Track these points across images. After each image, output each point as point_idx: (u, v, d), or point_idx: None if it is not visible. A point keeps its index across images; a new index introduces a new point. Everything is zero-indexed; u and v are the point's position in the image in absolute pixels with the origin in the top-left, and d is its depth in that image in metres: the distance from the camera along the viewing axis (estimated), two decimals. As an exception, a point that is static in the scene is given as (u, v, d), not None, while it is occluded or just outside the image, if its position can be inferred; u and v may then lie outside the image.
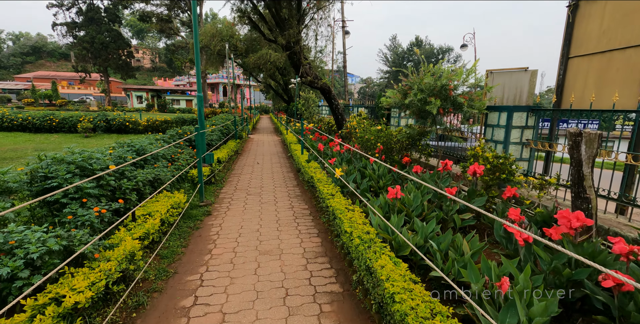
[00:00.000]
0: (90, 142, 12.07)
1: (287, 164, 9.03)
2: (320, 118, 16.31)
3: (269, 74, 21.09)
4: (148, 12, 43.79)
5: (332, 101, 9.88)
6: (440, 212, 3.53)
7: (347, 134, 8.78)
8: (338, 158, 6.39)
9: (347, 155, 6.71)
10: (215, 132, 8.93)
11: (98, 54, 44.42)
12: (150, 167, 4.55)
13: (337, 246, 3.62)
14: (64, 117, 13.92)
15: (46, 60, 78.63)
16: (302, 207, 5.08)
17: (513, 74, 5.49)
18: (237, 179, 7.06)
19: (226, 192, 5.91)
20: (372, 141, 6.47)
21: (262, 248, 3.60)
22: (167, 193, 4.19)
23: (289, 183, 6.73)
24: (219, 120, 11.53)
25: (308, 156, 6.93)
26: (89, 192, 3.00)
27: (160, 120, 14.97)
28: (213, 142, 8.24)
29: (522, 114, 4.75)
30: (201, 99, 6.01)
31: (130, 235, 2.88)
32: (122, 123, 14.25)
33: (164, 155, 5.39)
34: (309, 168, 6.03)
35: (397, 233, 2.71)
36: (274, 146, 13.23)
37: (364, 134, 6.58)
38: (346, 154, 6.76)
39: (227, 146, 9.27)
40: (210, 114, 15.01)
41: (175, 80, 69.47)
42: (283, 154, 10.80)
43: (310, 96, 15.48)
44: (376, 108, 10.46)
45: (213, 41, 18.34)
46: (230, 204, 5.17)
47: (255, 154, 10.64)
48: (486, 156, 4.12)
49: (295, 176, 7.40)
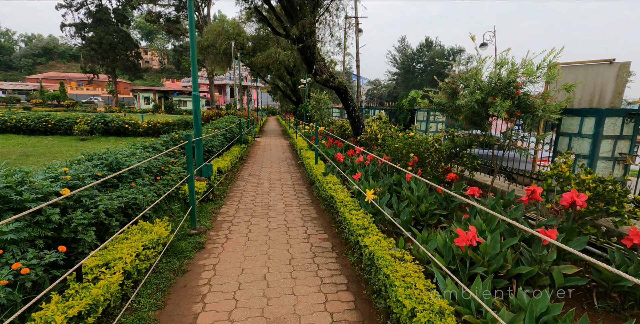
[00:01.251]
0: (85, 146, 11.18)
1: (297, 173, 7.94)
2: (331, 121, 15.22)
3: (277, 75, 20.12)
4: (156, 12, 43.49)
5: (348, 102, 8.78)
6: (535, 267, 2.39)
7: (366, 141, 7.67)
8: (363, 172, 5.26)
9: (373, 167, 5.59)
10: (217, 137, 7.90)
11: (106, 54, 44.22)
12: (127, 186, 3.49)
13: (378, 311, 2.50)
14: (60, 118, 13.10)
15: (57, 61, 79.38)
16: (321, 238, 3.97)
17: (590, 68, 4.31)
18: (241, 193, 5.99)
19: (226, 213, 4.84)
20: (402, 150, 5.34)
21: (271, 313, 2.50)
22: (143, 224, 3.12)
23: (301, 200, 5.63)
24: (222, 123, 10.52)
25: (325, 167, 5.82)
26: (6, 238, 1.95)
27: (161, 122, 14.05)
28: (214, 149, 7.21)
29: (617, 119, 3.57)
30: (197, 99, 4.97)
31: (63, 312, 1.81)
32: (121, 125, 13.37)
33: (150, 168, 4.35)
34: (327, 184, 4.93)
35: (493, 314, 1.59)
36: (282, 151, 12.18)
37: (393, 142, 5.45)
38: (371, 166, 5.64)
39: (231, 153, 8.24)
40: (215, 116, 14.04)
41: (183, 81, 69.36)
42: (293, 161, 9.72)
43: (321, 96, 14.41)
44: (397, 110, 9.33)
45: (219, 40, 17.45)
46: (229, 232, 4.09)
47: (262, 161, 9.58)
48: (582, 179, 2.96)
49: (309, 190, 6.31)
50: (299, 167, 8.79)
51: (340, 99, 8.95)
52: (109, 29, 44.08)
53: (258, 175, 7.64)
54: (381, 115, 9.05)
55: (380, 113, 9.05)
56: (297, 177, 7.47)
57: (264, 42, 19.44)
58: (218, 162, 6.72)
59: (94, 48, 43.57)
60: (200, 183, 4.92)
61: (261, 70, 20.10)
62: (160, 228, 3.12)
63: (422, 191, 4.07)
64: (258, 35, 19.51)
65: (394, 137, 5.87)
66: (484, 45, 21.27)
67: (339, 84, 8.40)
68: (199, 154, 5.17)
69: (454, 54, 63.99)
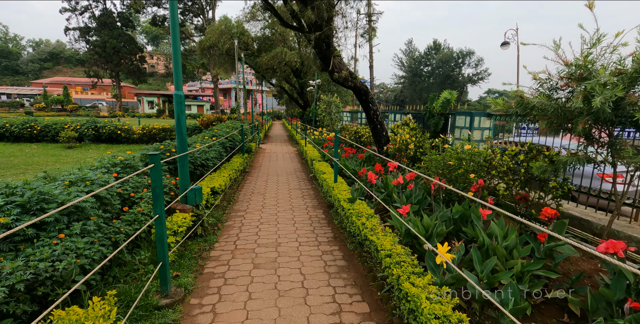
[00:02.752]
0: (70, 155, 9.97)
1: (310, 190, 6.58)
2: (343, 126, 13.85)
3: (283, 76, 18.89)
4: (160, 16, 42.99)
5: (369, 105, 7.43)
6: None
7: (394, 152, 6.29)
8: (411, 205, 3.86)
9: (417, 192, 4.17)
10: (214, 147, 6.59)
11: (110, 58, 43.67)
12: (52, 240, 2.16)
13: None
14: (47, 124, 11.95)
15: (63, 66, 79.68)
16: (360, 311, 2.59)
17: None
18: (241, 222, 4.63)
19: (218, 258, 3.48)
20: (457, 168, 3.95)
21: None
22: (62, 315, 1.77)
23: (319, 233, 4.25)
24: (223, 129, 9.24)
25: (352, 191, 4.42)
26: None
27: (157, 128, 12.83)
28: (210, 163, 5.89)
29: None
30: (181, 100, 3.66)
31: None
32: (113, 131, 12.17)
33: (108, 198, 3.01)
34: (358, 217, 3.55)
35: None
36: (290, 160, 10.84)
37: (447, 158, 4.06)
38: (415, 191, 4.23)
39: (231, 165, 6.92)
40: (215, 121, 12.79)
41: (188, 85, 68.99)
42: (303, 174, 8.37)
43: (333, 99, 13.10)
44: (425, 115, 7.94)
45: (222, 39, 16.30)
46: (219, 300, 2.72)
47: (268, 174, 8.24)
48: None
49: (327, 217, 4.93)
50: (311, 182, 7.43)
51: (359, 102, 7.60)
52: (113, 32, 43.60)
53: (263, 193, 6.29)
54: (407, 120, 7.67)
55: (406, 118, 7.69)
56: (311, 197, 6.11)
57: (270, 42, 18.28)
58: (214, 179, 5.39)
59: (98, 52, 43.07)
60: (184, 216, 3.58)
61: (266, 72, 18.91)
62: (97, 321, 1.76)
63: (512, 239, 2.67)
64: (263, 35, 18.36)
65: (439, 150, 4.49)
66: (506, 44, 19.87)
67: (359, 83, 7.06)
68: (184, 174, 3.84)
69: (463, 57, 62.48)
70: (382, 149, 7.68)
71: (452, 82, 63.34)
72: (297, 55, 15.53)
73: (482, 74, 61.69)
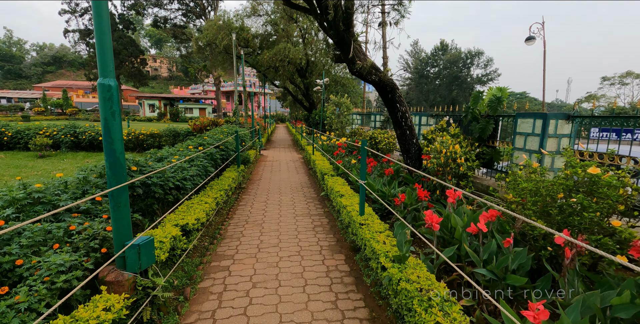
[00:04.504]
0: (37, 167, 8.50)
1: (322, 217, 4.98)
2: (354, 130, 12.25)
3: (287, 76, 17.39)
4: (161, 17, 42.06)
5: (396, 105, 5.84)
6: None
7: (437, 167, 4.68)
8: (499, 264, 2.21)
9: (516, 253, 2.53)
10: (198, 161, 5.04)
11: (110, 61, 42.61)
12: None
13: None
14: (19, 130, 10.51)
15: (66, 69, 79.35)
16: None
17: None
18: (222, 287, 3.03)
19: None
20: (582, 208, 2.33)
21: None
22: None
23: (348, 313, 2.65)
24: (216, 135, 7.70)
25: (398, 241, 2.78)
26: None
27: (145, 133, 11.33)
28: (188, 184, 4.33)
29: None
30: (109, 93, 2.07)
31: None
32: (94, 138, 10.69)
33: None
34: (419, 304, 1.96)
35: None
36: (295, 170, 9.26)
37: (555, 188, 2.45)
38: (510, 249, 2.58)
39: (220, 183, 5.35)
40: (210, 125, 11.26)
41: (191, 88, 68.18)
42: (312, 190, 6.77)
43: (343, 100, 11.53)
44: (464, 117, 6.34)
45: (219, 35, 14.85)
46: None
47: (269, 191, 6.67)
48: None
49: (352, 268, 3.33)
50: (322, 202, 5.84)
51: (383, 100, 6.01)
52: (114, 35, 42.60)
53: (260, 223, 4.70)
54: (444, 124, 6.06)
55: (442, 122, 6.08)
56: (324, 227, 4.50)
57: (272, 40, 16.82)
58: (190, 209, 3.82)
59: (98, 54, 42.06)
60: (113, 300, 2.00)
61: (268, 71, 17.42)
62: None
63: None
64: (265, 32, 16.91)
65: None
66: (531, 38, 18.18)
67: (384, 77, 5.48)
68: (120, 219, 2.29)
69: (472, 57, 60.63)
70: (412, 161, 6.07)
71: (461, 84, 61.55)
72: (302, 52, 14.03)
73: (492, 75, 59.76)
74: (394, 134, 9.67)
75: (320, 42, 15.25)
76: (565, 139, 4.43)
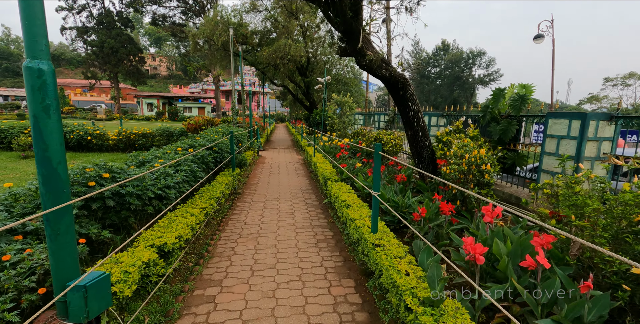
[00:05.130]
0: (18, 168, 7.91)
1: (327, 230, 4.39)
2: (356, 130, 11.67)
3: (287, 74, 16.80)
4: (160, 15, 41.47)
5: (408, 103, 5.26)
6: None
7: (459, 174, 4.10)
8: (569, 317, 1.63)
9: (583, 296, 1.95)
10: (184, 166, 4.46)
11: (107, 59, 42.06)
12: None
13: None
14: (2, 128, 9.91)
15: (64, 67, 78.64)
16: None
17: None
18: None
19: None
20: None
21: None
22: None
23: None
24: (210, 135, 7.12)
25: (429, 276, 2.21)
26: None
27: (137, 133, 10.73)
28: (172, 192, 3.74)
29: None
30: (40, 79, 1.44)
31: None
32: (83, 137, 10.10)
33: None
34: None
35: None
36: (295, 173, 8.68)
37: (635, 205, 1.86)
38: (586, 299, 2.00)
39: (211, 190, 4.76)
40: (205, 124, 10.67)
41: (190, 87, 67.61)
42: (313, 197, 6.19)
43: (345, 99, 10.96)
44: (482, 118, 5.76)
45: (217, 31, 14.25)
46: None
47: (266, 198, 6.08)
48: None
49: (365, 300, 2.74)
50: (325, 212, 5.25)
51: (394, 98, 5.43)
52: (112, 32, 42.03)
53: (255, 237, 4.12)
54: (460, 125, 5.47)
55: (458, 122, 5.51)
56: (329, 243, 3.92)
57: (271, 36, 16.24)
58: (172, 225, 3.24)
59: (95, 52, 41.53)
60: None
61: (268, 69, 16.83)
62: None
63: None
64: (264, 28, 16.32)
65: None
66: (540, 37, 17.60)
67: (396, 72, 4.89)
68: (60, 250, 1.68)
69: (474, 57, 60.01)
70: (425, 165, 5.49)
71: (462, 84, 60.97)
72: (303, 49, 13.45)
73: (494, 75, 59.17)
74: (400, 135, 9.09)
75: (322, 38, 14.69)
76: (606, 143, 3.85)
